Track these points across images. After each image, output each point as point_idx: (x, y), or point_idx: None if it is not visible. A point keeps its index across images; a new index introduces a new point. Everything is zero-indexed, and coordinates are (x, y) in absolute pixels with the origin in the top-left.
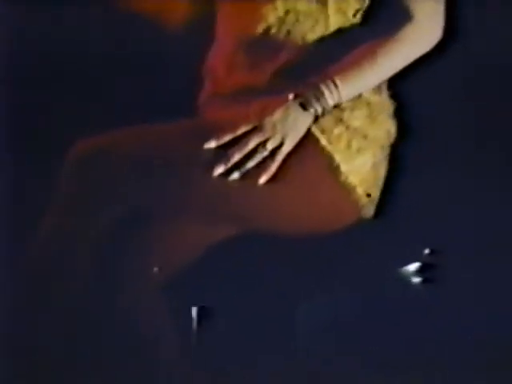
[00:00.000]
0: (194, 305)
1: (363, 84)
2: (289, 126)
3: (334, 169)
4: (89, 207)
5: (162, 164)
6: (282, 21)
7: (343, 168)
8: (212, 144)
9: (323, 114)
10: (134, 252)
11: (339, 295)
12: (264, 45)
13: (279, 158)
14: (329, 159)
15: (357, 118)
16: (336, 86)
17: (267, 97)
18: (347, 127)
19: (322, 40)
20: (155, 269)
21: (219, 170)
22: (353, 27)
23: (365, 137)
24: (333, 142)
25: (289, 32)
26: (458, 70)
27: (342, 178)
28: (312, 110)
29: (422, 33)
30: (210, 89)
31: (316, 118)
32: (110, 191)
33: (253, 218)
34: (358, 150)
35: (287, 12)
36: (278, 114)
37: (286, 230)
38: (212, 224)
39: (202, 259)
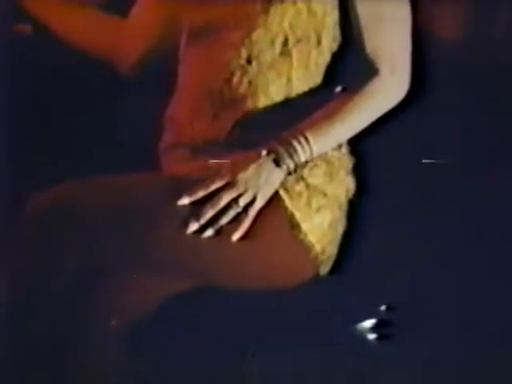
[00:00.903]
0: (152, 356)
1: (334, 139)
2: (261, 181)
3: (294, 226)
4: (49, 259)
5: (123, 217)
6: (244, 70)
7: (303, 226)
8: (185, 201)
9: (295, 170)
10: (93, 304)
11: (296, 351)
12: (226, 95)
13: (252, 213)
14: (290, 216)
15: (316, 176)
16: (308, 141)
17: (229, 149)
18: (307, 185)
19: (284, 93)
20: (113, 321)
21: (193, 227)
22: (316, 82)
23: (324, 195)
24: (294, 199)
25: (250, 83)
26: (418, 126)
27: (302, 235)
28: (285, 167)
29: (390, 88)
30: (171, 139)
31: (288, 174)
32: (69, 243)
33: (211, 273)
34: (318, 209)
35: (250, 61)
36: (250, 170)
37: (245, 285)
38: (171, 278)
39: (160, 312)
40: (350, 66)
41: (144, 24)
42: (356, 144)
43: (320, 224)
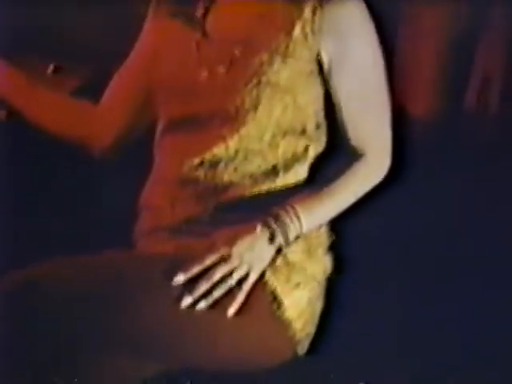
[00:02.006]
0: None
1: (322, 217)
2: (255, 256)
3: (274, 300)
4: (23, 334)
5: (99, 294)
6: (231, 159)
7: (283, 301)
8: (180, 278)
9: (286, 245)
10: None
11: None
12: (210, 180)
13: (246, 288)
14: (271, 290)
15: (295, 252)
16: (299, 219)
17: (211, 228)
18: (286, 261)
19: (270, 180)
20: None
21: (187, 300)
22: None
23: (303, 271)
24: (274, 274)
25: (236, 169)
26: (397, 205)
27: (281, 311)
28: (277, 243)
29: (374, 168)
30: (149, 224)
31: (278, 250)
32: (45, 320)
33: (186, 352)
34: (297, 285)
35: (237, 152)
36: (245, 244)
37: (221, 366)
38: (144, 358)
39: None
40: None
41: (116, 110)
42: (333, 222)
43: (299, 300)
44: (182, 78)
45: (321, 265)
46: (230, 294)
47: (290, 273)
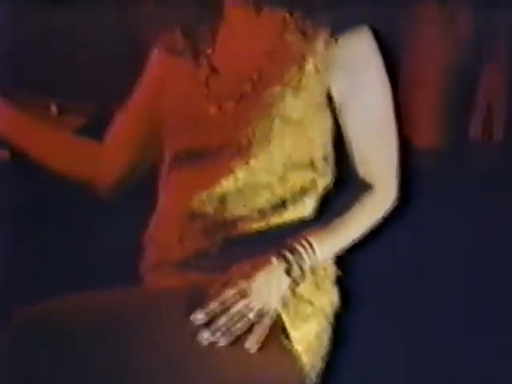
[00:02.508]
0: None
1: (335, 248)
2: (273, 289)
3: (283, 333)
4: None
5: (106, 331)
6: (240, 194)
7: (291, 334)
8: (199, 316)
9: (302, 276)
10: None
11: None
12: (219, 216)
13: (266, 322)
14: (279, 323)
15: (303, 285)
16: (313, 249)
17: (219, 262)
18: (294, 294)
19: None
20: None
21: (206, 335)
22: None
23: (311, 304)
24: (284, 306)
25: (245, 203)
26: (402, 236)
27: (290, 344)
28: (293, 273)
29: (383, 199)
30: (156, 259)
31: (293, 282)
32: (51, 356)
33: (195, 382)
34: (305, 318)
35: (246, 184)
36: (262, 277)
37: None
38: None
39: None
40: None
41: (121, 148)
42: (341, 254)
43: (307, 333)
44: (190, 113)
45: (328, 297)
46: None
47: (298, 305)
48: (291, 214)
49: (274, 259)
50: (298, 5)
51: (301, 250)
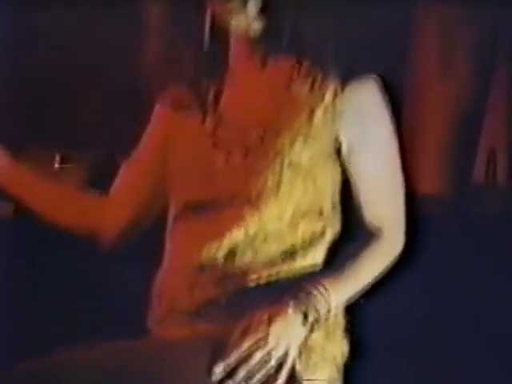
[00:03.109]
0: None
1: (347, 294)
2: (292, 335)
3: (294, 380)
4: None
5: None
6: (250, 243)
7: (303, 382)
8: (219, 368)
9: (317, 322)
10: None
11: None
12: (229, 266)
13: (287, 369)
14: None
15: (314, 333)
16: (329, 295)
17: (229, 311)
18: (305, 341)
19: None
20: None
21: None
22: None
23: (322, 352)
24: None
25: (255, 252)
26: (409, 284)
27: None
28: (310, 319)
29: (391, 245)
30: (167, 308)
31: (310, 329)
32: None
33: None
34: (316, 366)
35: (257, 233)
36: (280, 325)
37: None
38: None
39: None
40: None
41: (126, 202)
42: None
43: (319, 382)
44: (198, 164)
45: (339, 346)
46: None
47: (310, 353)
48: (301, 263)
49: (291, 304)
50: (305, 53)
51: (317, 294)
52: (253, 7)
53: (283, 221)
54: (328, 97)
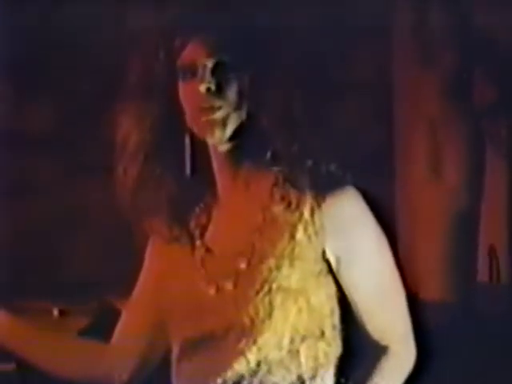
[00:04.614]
0: None
1: None
2: None
3: None
4: None
5: None
6: (253, 372)
7: None
8: None
9: None
10: None
11: None
12: None
13: None
14: None
15: None
16: None
17: None
18: None
19: None
20: None
21: None
22: None
23: None
24: None
25: (261, 382)
26: None
27: None
28: None
29: (403, 358)
30: None
31: None
32: None
33: None
34: None
35: (259, 363)
36: None
37: None
38: None
39: None
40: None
41: (130, 346)
42: None
43: None
44: (191, 298)
45: None
46: None
47: None
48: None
49: None
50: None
51: None
52: (232, 125)
53: (282, 348)
54: (306, 214)
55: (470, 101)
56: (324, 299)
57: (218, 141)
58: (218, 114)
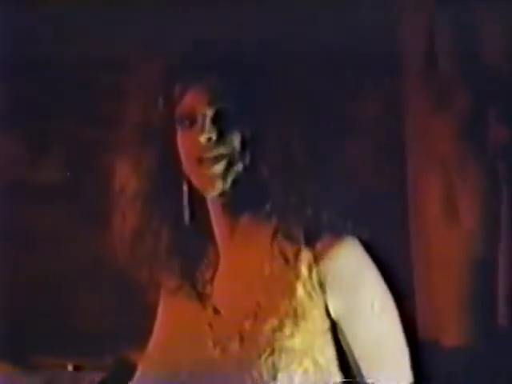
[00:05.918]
0: None
1: None
2: None
3: None
4: None
5: None
6: None
7: None
8: None
9: None
10: None
11: None
12: None
13: None
14: None
15: None
16: None
17: None
18: None
19: None
20: None
21: None
22: None
23: None
24: None
25: None
26: None
27: None
28: None
29: None
30: None
31: None
32: None
33: None
34: None
35: None
36: None
37: None
38: None
39: None
40: None
41: None
42: None
43: None
44: (199, 359)
45: None
46: None
47: None
48: None
49: None
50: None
51: None
52: (232, 176)
53: None
54: (304, 270)
55: (485, 142)
56: (332, 357)
57: (217, 194)
58: (218, 167)
